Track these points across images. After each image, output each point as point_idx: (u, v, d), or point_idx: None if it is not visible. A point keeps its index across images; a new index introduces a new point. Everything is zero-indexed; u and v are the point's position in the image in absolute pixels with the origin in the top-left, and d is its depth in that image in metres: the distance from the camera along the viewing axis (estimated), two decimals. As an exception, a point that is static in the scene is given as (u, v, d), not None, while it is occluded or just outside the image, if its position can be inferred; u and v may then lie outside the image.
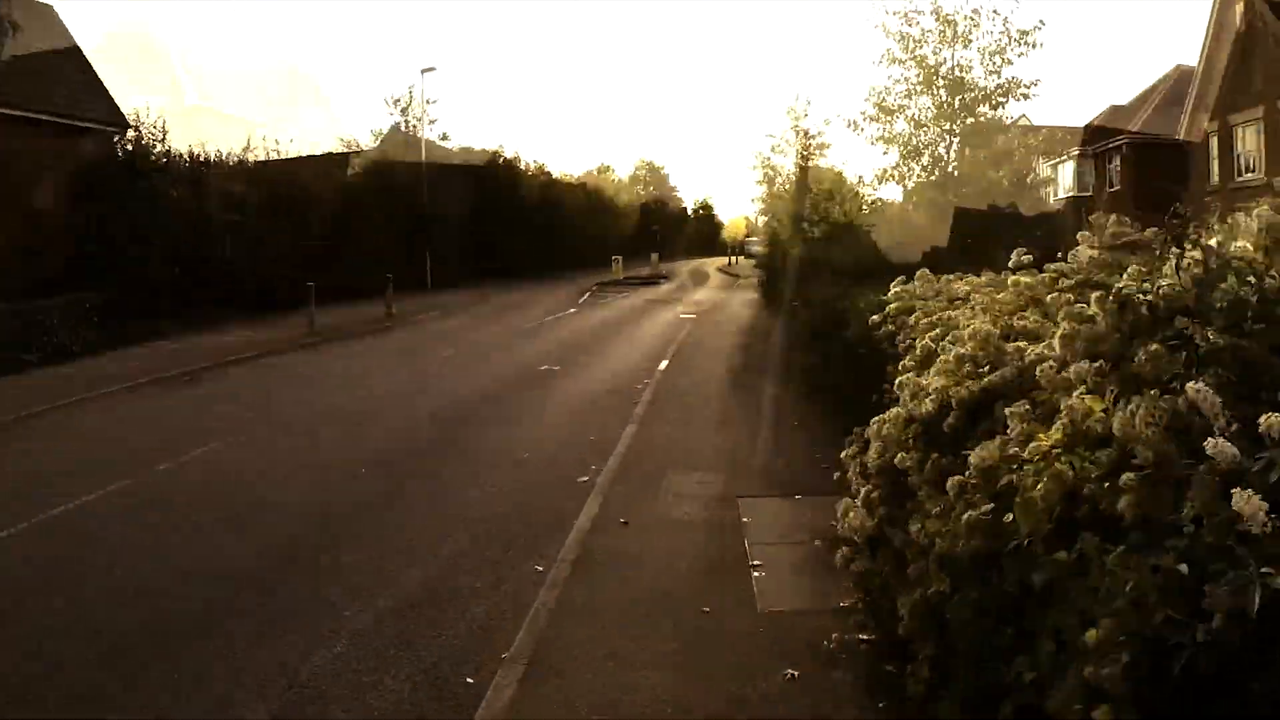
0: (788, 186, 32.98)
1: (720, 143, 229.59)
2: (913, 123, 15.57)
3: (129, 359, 20.22)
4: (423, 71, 47.28)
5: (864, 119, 15.94)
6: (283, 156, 37.54)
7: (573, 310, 32.77)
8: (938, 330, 6.58)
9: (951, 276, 8.56)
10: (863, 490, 5.64)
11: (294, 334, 25.40)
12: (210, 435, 12.67)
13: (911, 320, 7.55)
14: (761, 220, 51.26)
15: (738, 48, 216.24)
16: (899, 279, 8.72)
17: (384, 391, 16.68)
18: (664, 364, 18.52)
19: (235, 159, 34.81)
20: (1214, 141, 30.63)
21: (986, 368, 5.03)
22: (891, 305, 8.27)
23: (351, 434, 13.17)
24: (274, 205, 34.11)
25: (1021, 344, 4.92)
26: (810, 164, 32.80)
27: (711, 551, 7.75)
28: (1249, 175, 28.11)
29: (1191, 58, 34.31)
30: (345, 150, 48.22)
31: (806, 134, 33.34)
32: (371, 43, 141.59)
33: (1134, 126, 35.52)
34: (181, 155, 31.66)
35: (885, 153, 15.87)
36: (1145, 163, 34.31)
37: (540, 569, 7.66)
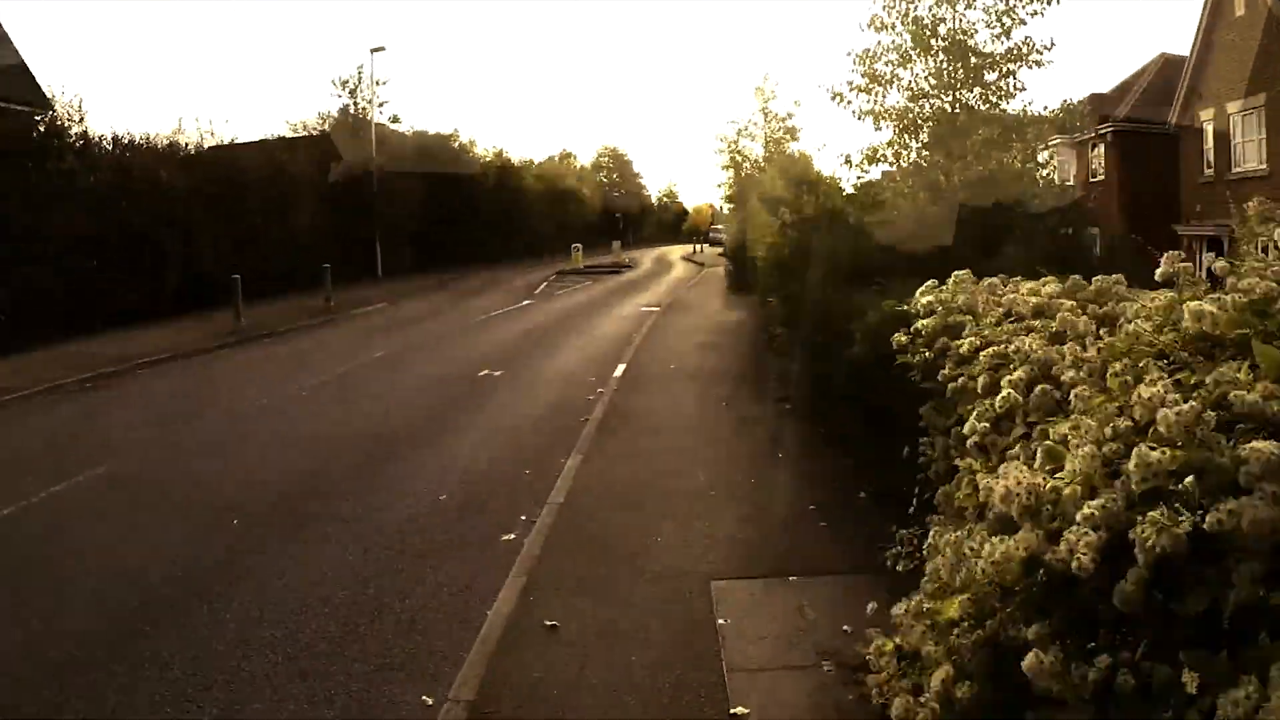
0: (756, 173, 30.56)
1: (685, 130, 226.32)
2: (909, 92, 13.10)
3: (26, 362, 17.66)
4: (372, 51, 44.32)
5: (851, 90, 13.44)
6: (219, 141, 34.69)
7: (527, 302, 30.23)
8: (1020, 371, 4.32)
9: (994, 281, 6.20)
10: (938, 673, 3.19)
11: (217, 332, 22.92)
12: (61, 472, 10.17)
13: (963, 347, 5.24)
14: (727, 208, 49.00)
15: (704, 32, 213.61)
16: (930, 283, 6.38)
17: (292, 404, 14.15)
18: (621, 368, 16.06)
19: (165, 142, 32.07)
20: (1209, 131, 28.57)
21: (1188, 479, 2.67)
22: (924, 320, 5.89)
23: (234, 467, 10.61)
24: (207, 192, 31.51)
25: (1265, 445, 2.54)
26: (780, 150, 30.47)
27: (674, 684, 5.29)
28: (1249, 165, 26.05)
29: (1172, 46, 32.44)
30: (292, 134, 45.43)
31: (776, 117, 30.94)
32: (320, 20, 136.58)
33: (1119, 115, 33.33)
34: (103, 138, 28.90)
35: (877, 129, 13.43)
36: (1132, 153, 32.19)
37: (429, 701, 5.25)
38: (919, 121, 13.11)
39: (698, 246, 72.81)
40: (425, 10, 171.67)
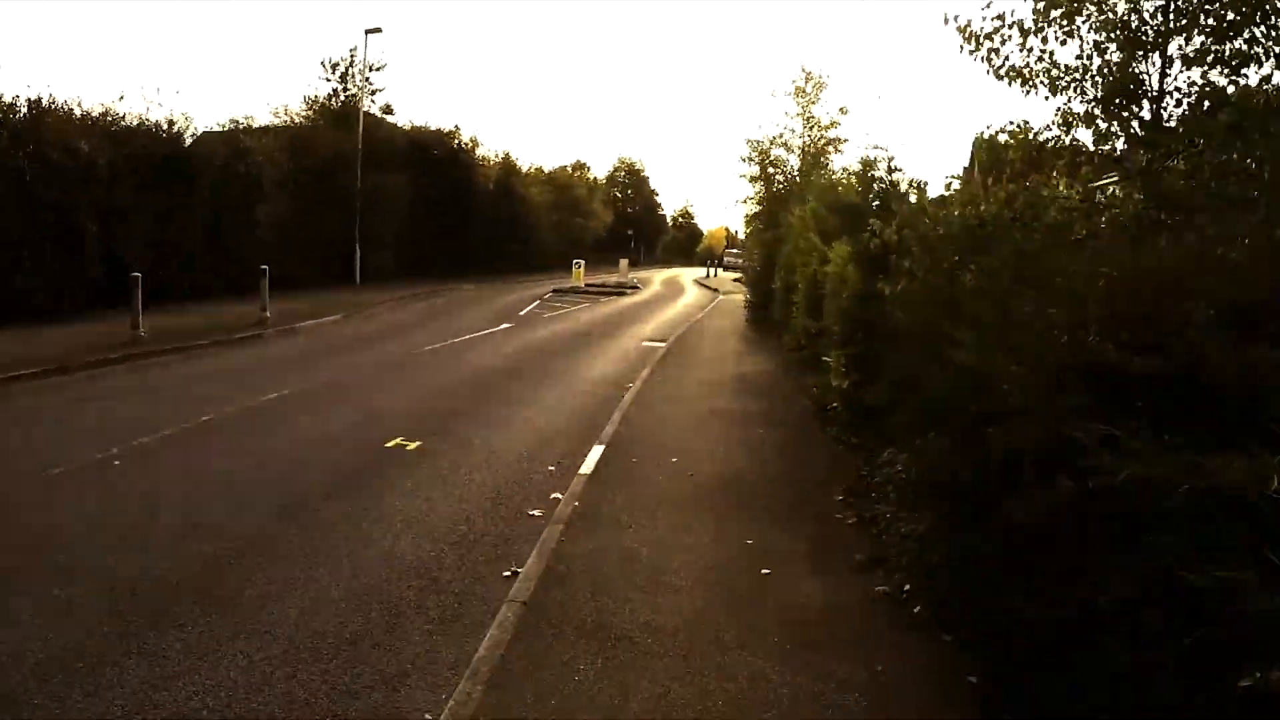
0: (790, 187, 24.89)
1: (702, 151, 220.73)
2: (1112, 30, 7.32)
3: None
4: (367, 32, 38.79)
5: (1007, 26, 7.67)
6: (169, 116, 29.09)
7: (507, 325, 24.43)
8: None
9: None
10: None
11: (111, 343, 17.57)
12: None
13: None
14: (744, 232, 43.49)
15: (728, 51, 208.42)
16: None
17: (89, 482, 8.52)
18: (596, 455, 10.23)
19: (99, 112, 26.61)
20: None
21: None
22: None
23: None
24: (144, 173, 26.15)
25: None
26: (820, 164, 24.77)
27: None
28: None
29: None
30: (273, 119, 39.81)
31: (818, 124, 25.24)
32: (323, 8, 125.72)
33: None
34: (17, 99, 23.46)
35: (1043, 92, 7.71)
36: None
37: None
38: (1127, 81, 7.34)
39: (711, 270, 67.40)
40: (439, 5, 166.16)
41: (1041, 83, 7.92)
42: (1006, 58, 7.95)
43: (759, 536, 7.40)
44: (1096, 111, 7.51)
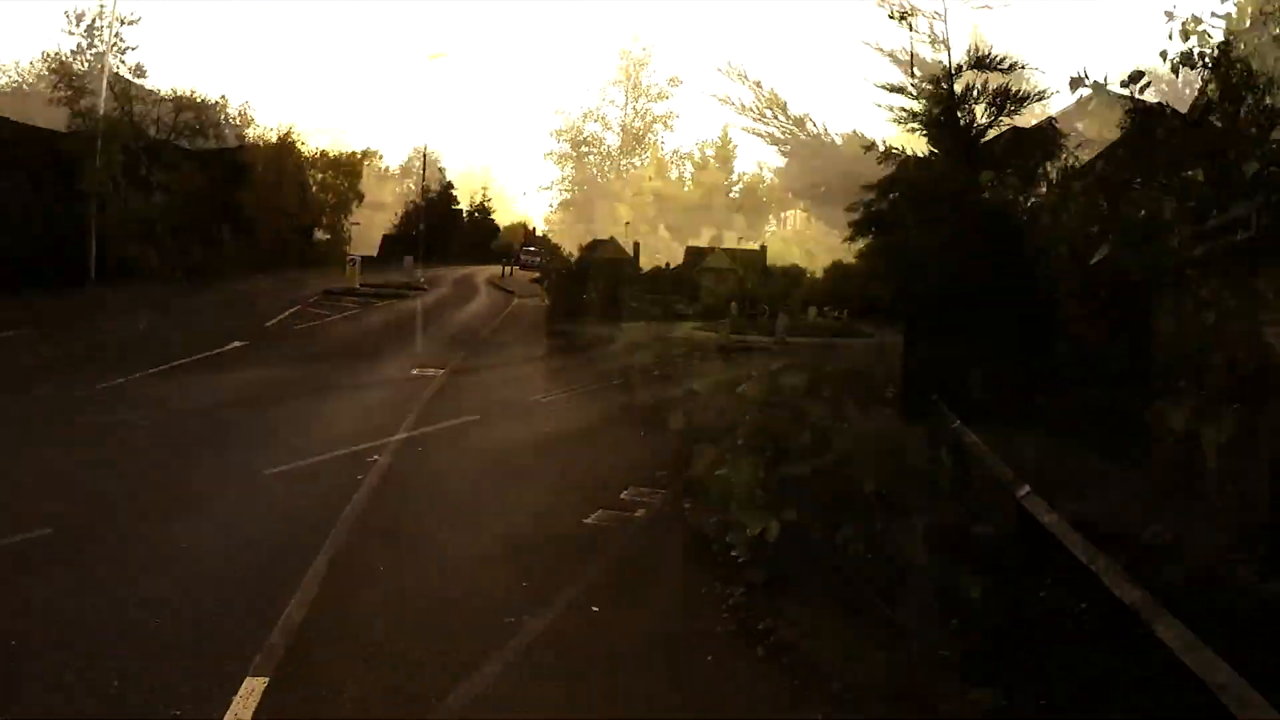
0: (609, 164, 19.92)
1: (506, 135, 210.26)
2: None
3: None
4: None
5: None
6: None
7: (238, 344, 18.12)
8: None
9: None
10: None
11: None
12: None
13: None
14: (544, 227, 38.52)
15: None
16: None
17: None
18: None
19: None
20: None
21: None
22: None
23: None
24: None
25: None
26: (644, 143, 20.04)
27: None
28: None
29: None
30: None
31: (646, 93, 20.49)
32: None
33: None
34: None
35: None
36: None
37: None
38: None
39: (508, 269, 61.01)
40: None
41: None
42: None
43: None
44: None
